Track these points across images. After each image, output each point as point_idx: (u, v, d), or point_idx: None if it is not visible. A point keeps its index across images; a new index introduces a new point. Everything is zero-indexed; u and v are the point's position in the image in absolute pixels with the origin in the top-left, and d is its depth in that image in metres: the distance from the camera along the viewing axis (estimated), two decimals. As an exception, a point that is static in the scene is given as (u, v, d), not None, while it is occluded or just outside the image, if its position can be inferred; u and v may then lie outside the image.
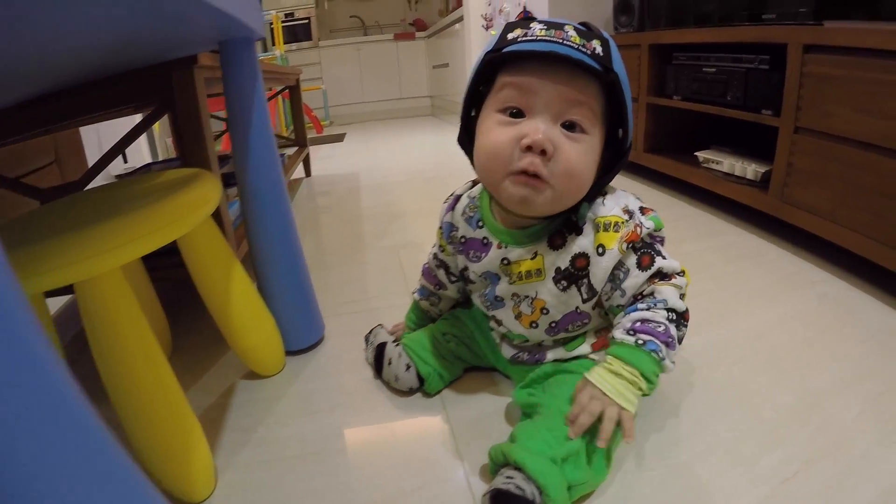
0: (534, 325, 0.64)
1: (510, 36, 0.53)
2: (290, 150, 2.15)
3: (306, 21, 4.51)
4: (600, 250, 0.57)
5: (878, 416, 0.66)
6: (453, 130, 0.54)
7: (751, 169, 1.30)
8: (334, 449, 0.66)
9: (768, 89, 1.19)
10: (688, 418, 0.67)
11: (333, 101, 4.66)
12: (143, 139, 2.71)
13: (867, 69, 0.92)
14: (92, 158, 2.46)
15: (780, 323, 0.88)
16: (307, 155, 2.29)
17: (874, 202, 0.93)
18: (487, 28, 2.93)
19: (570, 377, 0.62)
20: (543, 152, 0.51)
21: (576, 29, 0.52)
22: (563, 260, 0.59)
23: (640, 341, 0.54)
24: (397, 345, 0.76)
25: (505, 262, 0.63)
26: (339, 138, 3.61)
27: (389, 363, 0.74)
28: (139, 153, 2.63)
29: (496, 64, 0.55)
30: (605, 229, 0.57)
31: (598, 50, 0.52)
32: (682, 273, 0.59)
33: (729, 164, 1.38)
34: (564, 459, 0.52)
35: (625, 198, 0.60)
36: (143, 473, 0.34)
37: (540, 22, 0.53)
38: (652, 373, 0.54)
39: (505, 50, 0.53)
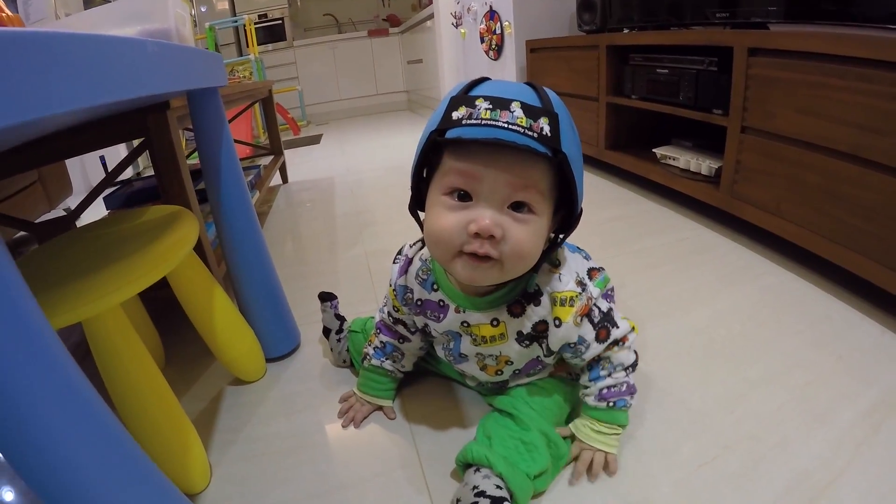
0: (499, 373, 0.70)
1: (455, 115, 0.51)
2: (267, 160, 2.22)
3: (280, 21, 4.53)
4: (556, 322, 0.61)
5: (801, 405, 0.73)
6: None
7: (705, 165, 1.38)
8: (311, 443, 0.77)
9: (717, 90, 1.25)
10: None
11: (310, 99, 4.71)
12: (122, 149, 2.78)
13: (808, 72, 0.97)
14: (74, 175, 2.52)
15: (721, 317, 0.96)
16: (283, 162, 2.37)
17: (815, 198, 1.00)
18: (457, 26, 2.99)
19: (536, 386, 0.71)
20: (492, 237, 0.52)
21: (523, 106, 0.50)
22: (524, 326, 0.63)
23: (610, 403, 0.65)
24: (340, 340, 0.91)
25: (465, 324, 0.65)
26: (315, 140, 3.67)
27: (331, 350, 0.93)
28: (119, 158, 2.70)
29: (441, 144, 0.53)
30: (562, 304, 0.60)
31: (546, 130, 0.50)
32: (632, 329, 0.66)
33: (685, 160, 1.45)
34: (535, 475, 0.61)
35: (576, 265, 0.63)
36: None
37: (486, 99, 0.50)
38: (624, 419, 0.66)
39: (448, 135, 0.51)
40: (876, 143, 0.86)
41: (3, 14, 0.61)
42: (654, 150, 1.59)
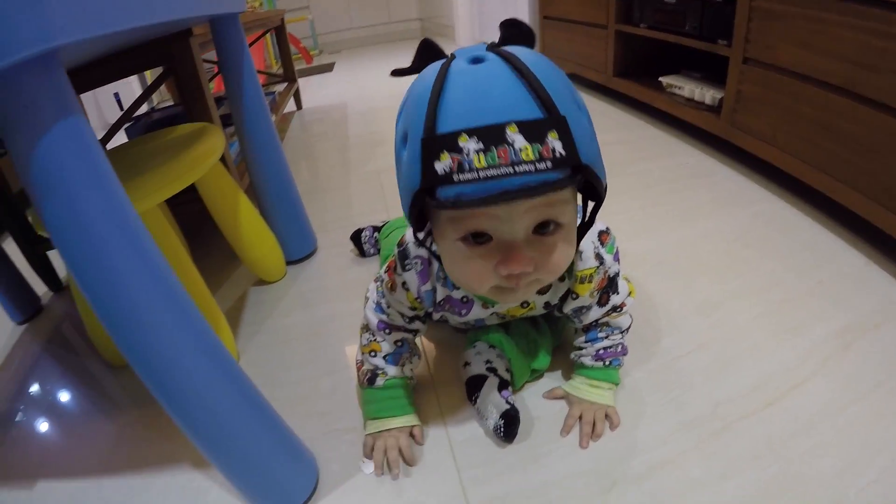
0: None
1: (439, 168, 0.39)
2: (281, 87, 2.27)
3: (289, -55, 4.39)
4: (573, 296, 0.62)
5: (776, 318, 0.78)
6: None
7: (709, 95, 1.40)
8: (327, 331, 0.88)
9: (722, 21, 1.26)
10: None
11: (321, 28, 4.61)
12: (136, 88, 2.83)
13: (807, 6, 0.98)
14: (91, 113, 2.60)
15: (708, 236, 1.01)
16: (297, 89, 2.41)
17: (809, 130, 1.02)
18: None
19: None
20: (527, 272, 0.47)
21: (521, 128, 0.38)
22: (552, 298, 0.63)
23: (606, 363, 0.66)
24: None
25: (495, 314, 0.66)
26: (328, 68, 3.67)
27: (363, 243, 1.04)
28: (132, 95, 2.77)
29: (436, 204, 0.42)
30: (581, 281, 0.60)
31: (559, 149, 0.39)
32: (629, 294, 0.66)
33: (689, 89, 1.47)
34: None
35: (591, 237, 0.60)
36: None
37: (470, 135, 0.38)
38: (618, 378, 0.67)
39: (441, 196, 0.40)
40: (869, 79, 0.88)
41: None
42: (660, 78, 1.61)
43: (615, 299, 0.64)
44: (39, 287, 1.14)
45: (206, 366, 0.48)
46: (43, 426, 0.80)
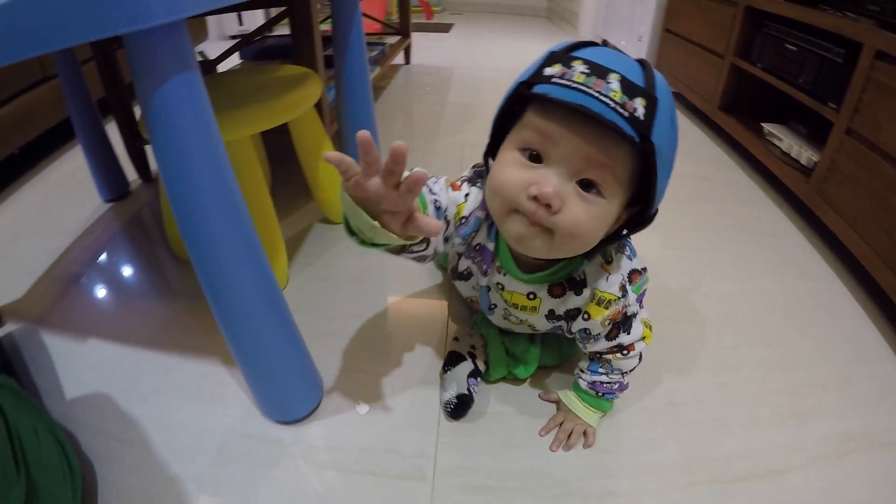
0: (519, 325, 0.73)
1: (547, 71, 0.48)
2: (393, 39, 2.35)
3: None
4: (586, 316, 0.62)
5: (787, 400, 0.76)
6: (562, 38, 0.51)
7: (806, 155, 1.33)
8: (371, 279, 0.98)
9: (837, 83, 1.18)
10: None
11: (450, -14, 4.64)
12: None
13: None
14: (210, 23, 2.81)
15: (753, 296, 0.99)
16: (409, 45, 2.48)
17: (893, 224, 0.95)
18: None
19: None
20: (550, 206, 0.49)
21: (622, 80, 0.46)
22: (558, 308, 0.64)
23: (600, 393, 0.69)
24: None
25: (499, 286, 0.66)
26: (445, 28, 3.70)
27: None
28: (254, 16, 2.93)
29: (528, 97, 0.50)
30: (599, 303, 0.60)
31: (640, 112, 0.45)
32: (643, 338, 0.65)
33: (788, 143, 1.41)
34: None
35: (625, 267, 0.62)
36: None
37: (585, 63, 0.47)
38: (609, 408, 0.71)
39: (535, 90, 0.48)
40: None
41: None
42: (762, 123, 1.55)
43: (623, 338, 0.64)
44: (131, 174, 1.30)
45: (251, 279, 0.58)
46: (103, 293, 0.95)
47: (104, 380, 0.76)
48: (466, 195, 0.62)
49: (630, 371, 0.68)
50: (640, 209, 0.54)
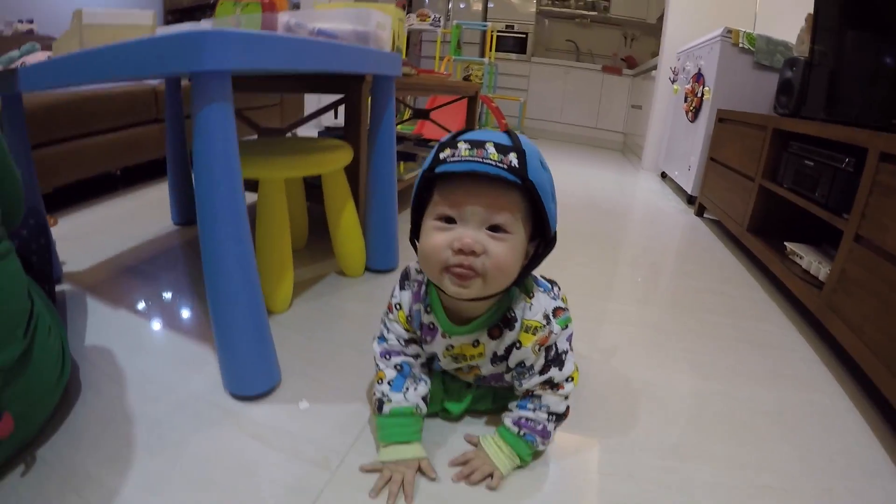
0: (469, 372, 0.79)
1: (441, 156, 0.62)
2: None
3: (524, 36, 4.99)
4: (517, 346, 0.70)
5: (742, 500, 0.72)
6: (633, 173, 0.64)
7: (823, 270, 1.31)
8: (369, 324, 1.07)
9: (848, 192, 1.17)
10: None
11: (531, 114, 5.04)
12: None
13: None
14: (308, 108, 3.39)
15: (742, 399, 0.95)
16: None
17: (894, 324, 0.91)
18: (673, 82, 3.07)
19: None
20: (474, 252, 0.61)
21: (496, 145, 0.60)
22: (499, 348, 0.71)
23: (521, 432, 0.71)
24: None
25: (450, 347, 0.73)
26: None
27: None
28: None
29: (432, 179, 0.63)
30: (527, 331, 0.69)
31: (514, 162, 0.59)
32: (571, 379, 0.72)
33: (808, 260, 1.40)
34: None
35: (545, 301, 0.71)
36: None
37: (465, 142, 0.61)
38: (526, 454, 0.72)
39: (436, 170, 0.62)
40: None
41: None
42: (786, 242, 1.56)
43: (555, 373, 0.70)
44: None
45: (241, 278, 0.78)
46: (143, 282, 1.24)
47: (116, 337, 0.98)
48: (398, 304, 0.75)
49: (556, 417, 0.71)
50: (541, 241, 0.67)
